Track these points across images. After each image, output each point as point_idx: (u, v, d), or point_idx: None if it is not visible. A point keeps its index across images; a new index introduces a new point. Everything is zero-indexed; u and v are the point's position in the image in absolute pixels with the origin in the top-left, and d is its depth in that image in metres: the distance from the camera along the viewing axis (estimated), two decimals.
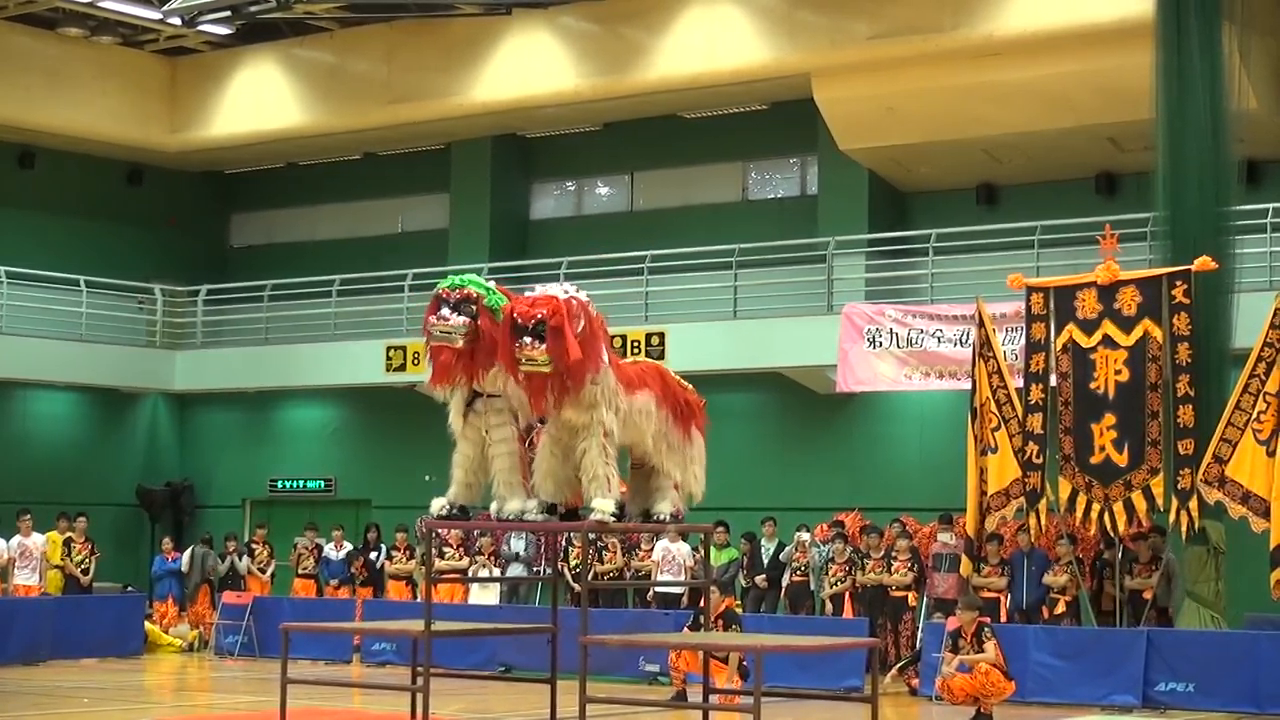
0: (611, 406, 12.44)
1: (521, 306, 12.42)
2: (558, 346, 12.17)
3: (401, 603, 23.32)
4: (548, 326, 12.20)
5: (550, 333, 12.16)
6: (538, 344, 12.17)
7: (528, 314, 12.31)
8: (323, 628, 15.68)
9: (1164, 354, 18.29)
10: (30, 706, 17.21)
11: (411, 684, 15.24)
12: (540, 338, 12.17)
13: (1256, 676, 17.10)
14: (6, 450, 29.42)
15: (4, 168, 30.74)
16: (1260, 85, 22.72)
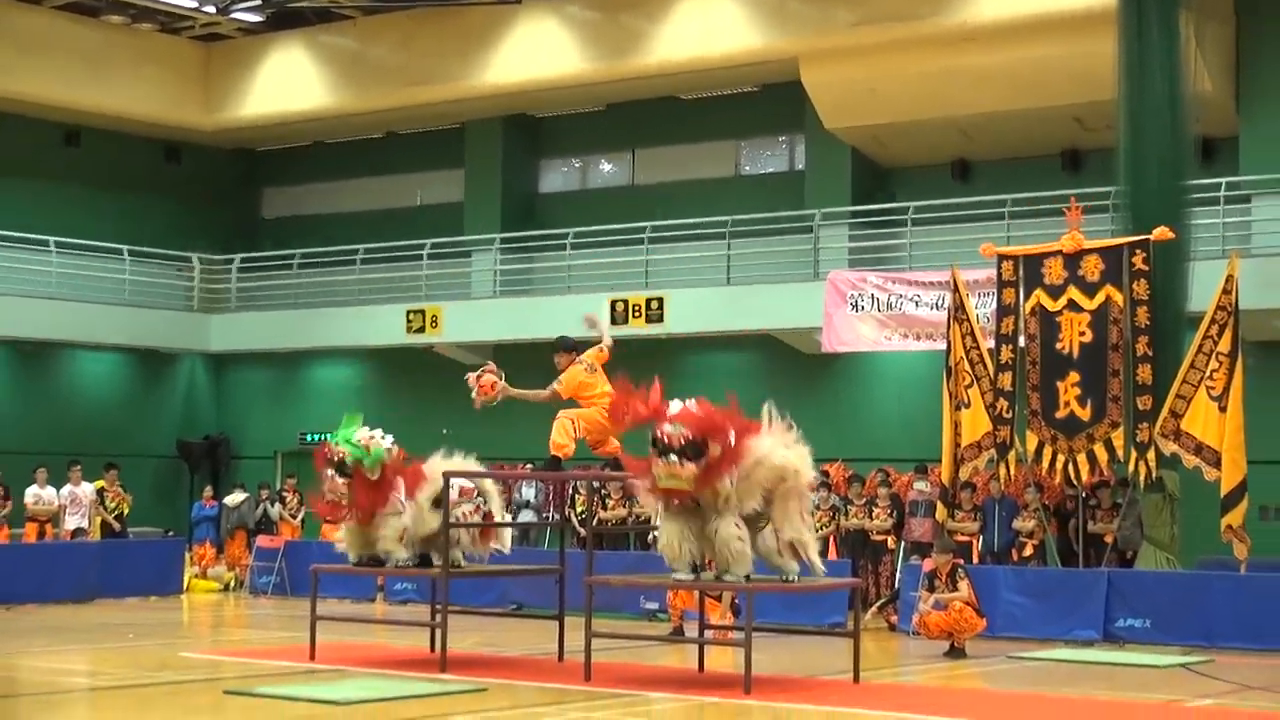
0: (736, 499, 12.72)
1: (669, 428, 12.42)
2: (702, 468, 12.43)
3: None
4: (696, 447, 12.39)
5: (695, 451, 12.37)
6: (686, 463, 12.36)
7: (674, 436, 12.40)
8: (349, 569, 15.64)
9: (1124, 317, 18.28)
10: (80, 641, 17.24)
11: (431, 620, 15.31)
12: (688, 457, 12.33)
13: (1208, 613, 17.12)
14: (57, 406, 29.52)
15: (52, 146, 30.76)
16: (1214, 69, 22.69)
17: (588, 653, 13.89)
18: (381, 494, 14.46)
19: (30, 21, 28.95)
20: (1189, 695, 13.59)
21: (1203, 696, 13.53)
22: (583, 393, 14.13)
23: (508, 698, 12.84)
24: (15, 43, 28.66)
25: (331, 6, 28.56)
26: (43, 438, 27.74)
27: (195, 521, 26.23)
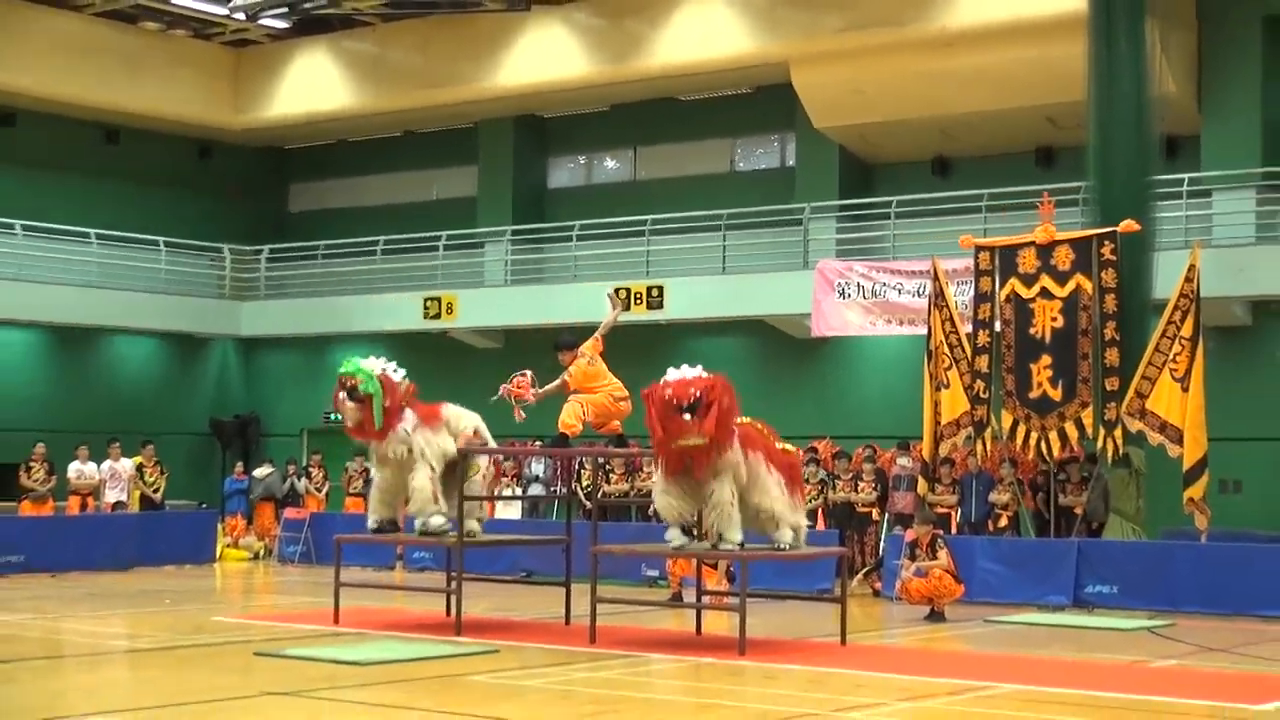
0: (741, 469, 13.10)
1: (677, 387, 12.81)
2: (711, 424, 12.66)
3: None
4: (701, 404, 12.64)
5: (704, 410, 12.63)
6: (691, 418, 12.64)
7: (684, 394, 12.72)
8: (370, 539, 15.67)
9: (1093, 304, 18.28)
10: (120, 606, 17.28)
11: (447, 587, 15.34)
12: (694, 413, 12.63)
13: (1171, 580, 17.15)
14: (98, 387, 29.55)
15: (93, 144, 30.74)
16: (1178, 71, 22.66)
17: (593, 617, 13.92)
18: (391, 419, 14.63)
19: (72, 27, 28.94)
20: (1153, 656, 13.62)
21: (1166, 658, 13.56)
22: (588, 382, 14.69)
23: (518, 659, 12.86)
24: (58, 48, 28.66)
25: (353, 13, 28.52)
26: (84, 417, 27.76)
27: (227, 495, 26.26)
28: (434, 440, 14.74)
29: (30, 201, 28.76)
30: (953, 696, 11.18)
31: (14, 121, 29.62)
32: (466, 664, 12.48)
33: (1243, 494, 21.16)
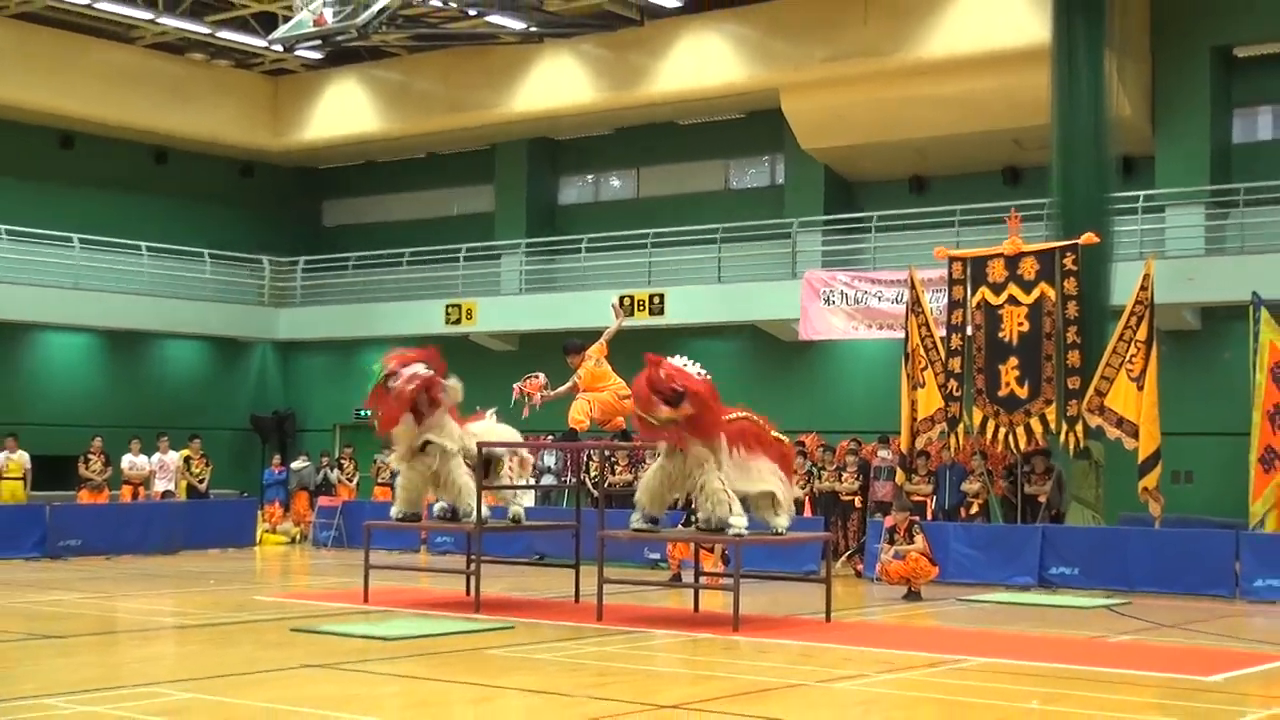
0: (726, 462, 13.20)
1: (662, 376, 13.01)
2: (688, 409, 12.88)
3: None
4: (683, 398, 12.88)
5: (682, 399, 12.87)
6: (667, 407, 12.88)
7: (667, 386, 12.93)
8: (397, 525, 15.67)
9: (1057, 310, 18.27)
10: (169, 585, 17.30)
11: (466, 569, 15.35)
12: (670, 403, 12.85)
13: (1128, 562, 17.15)
14: (148, 386, 29.58)
15: (144, 164, 30.81)
16: (1133, 98, 22.68)
17: (599, 596, 13.93)
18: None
19: (125, 58, 28.99)
20: (1111, 632, 13.62)
21: (1123, 633, 13.56)
22: (595, 383, 14.85)
23: (532, 634, 12.86)
24: (112, 76, 28.72)
25: (381, 45, 28.53)
26: (136, 413, 27.77)
27: (266, 485, 26.26)
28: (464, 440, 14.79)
29: (86, 217, 28.79)
30: (928, 668, 11.19)
31: (72, 144, 29.69)
32: (484, 639, 12.49)
33: (1193, 484, 21.16)
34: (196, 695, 9.57)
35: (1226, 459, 19.58)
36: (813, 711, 9.47)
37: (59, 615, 14.13)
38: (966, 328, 18.88)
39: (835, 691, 10.22)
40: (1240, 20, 22.84)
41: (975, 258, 19.04)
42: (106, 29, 28.20)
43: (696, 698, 9.73)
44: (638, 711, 9.21)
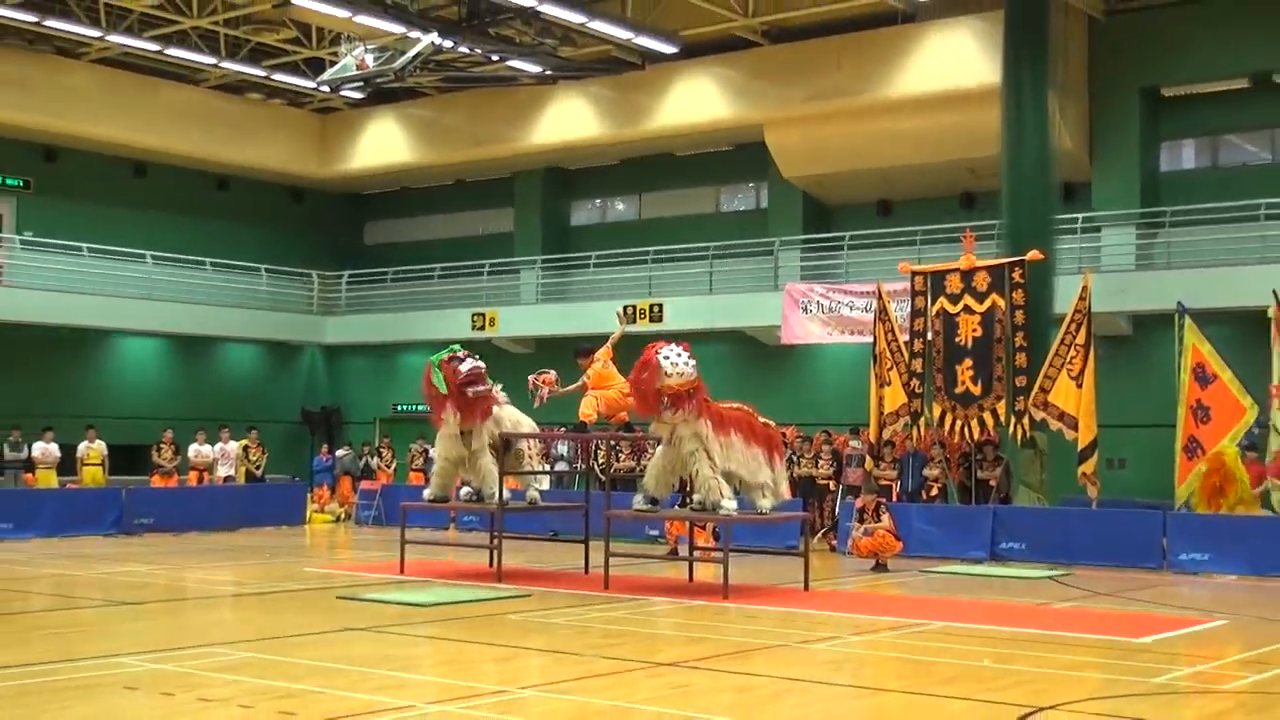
0: (707, 434, 13.08)
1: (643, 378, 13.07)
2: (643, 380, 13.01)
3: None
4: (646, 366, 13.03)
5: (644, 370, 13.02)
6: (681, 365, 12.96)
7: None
8: (430, 506, 15.64)
9: (1006, 317, 18.24)
10: (228, 559, 17.29)
11: (490, 544, 15.33)
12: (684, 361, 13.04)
13: (1069, 538, 17.13)
14: (211, 384, 29.63)
15: (207, 190, 30.85)
16: (1073, 131, 22.70)
17: (606, 567, 13.91)
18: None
19: (192, 97, 29.02)
20: (1054, 599, 13.60)
21: (1064, 600, 13.54)
22: (601, 382, 14.83)
23: (547, 601, 12.85)
24: (180, 113, 28.75)
25: (415, 86, 28.55)
26: (201, 408, 27.77)
27: (314, 470, 26.29)
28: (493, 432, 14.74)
29: (158, 236, 28.82)
30: (893, 631, 11.17)
31: (145, 173, 29.71)
32: (505, 605, 12.47)
33: (1126, 469, 21.17)
34: (253, 655, 9.56)
35: (1155, 448, 19.56)
36: (793, 668, 9.45)
37: (132, 584, 14.13)
38: (927, 333, 18.86)
39: (812, 651, 10.20)
40: (1166, 65, 22.87)
41: (934, 272, 19.02)
42: (176, 72, 28.23)
43: (691, 656, 9.71)
44: (640, 668, 9.19)
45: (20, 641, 10.26)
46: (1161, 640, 10.80)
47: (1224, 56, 22.34)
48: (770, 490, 13.51)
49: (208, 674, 8.70)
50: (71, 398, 26.84)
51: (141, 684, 8.40)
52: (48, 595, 13.36)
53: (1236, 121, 23.18)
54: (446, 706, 7.87)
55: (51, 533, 19.58)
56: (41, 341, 26.65)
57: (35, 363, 26.80)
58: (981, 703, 8.07)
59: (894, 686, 9.04)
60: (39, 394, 26.45)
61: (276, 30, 26.01)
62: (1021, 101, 20.64)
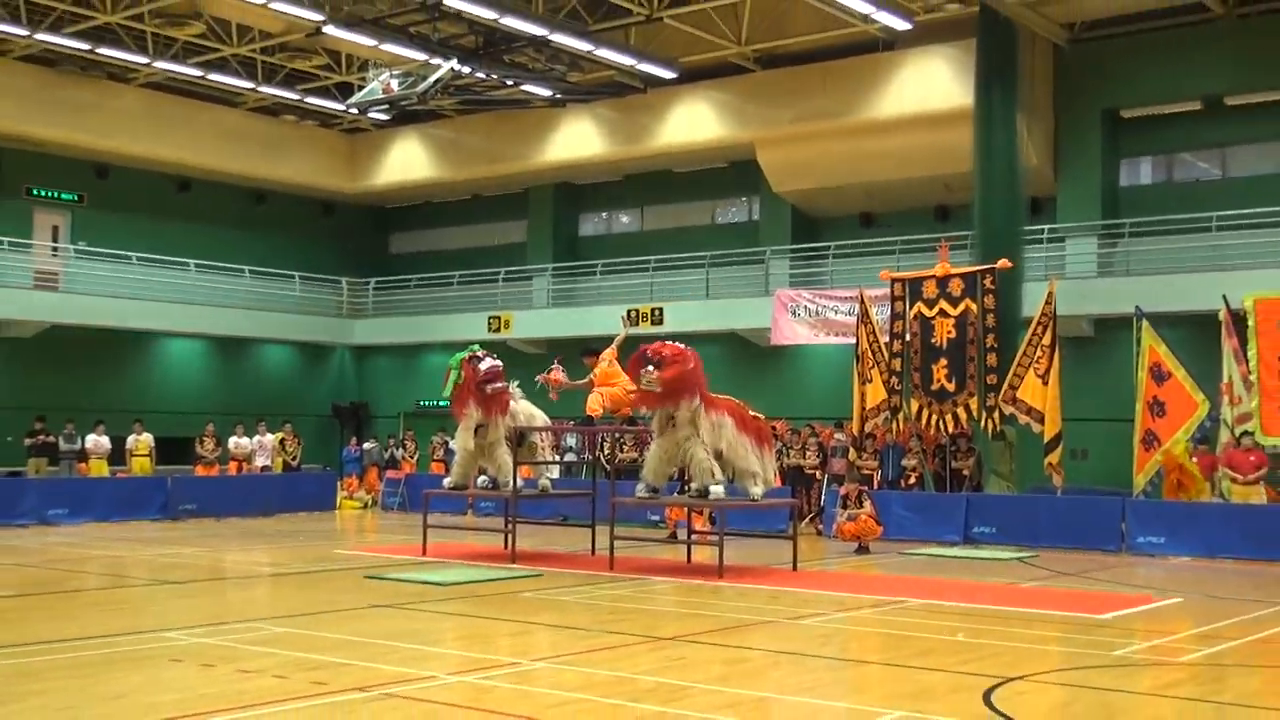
0: (703, 423, 13.06)
1: (652, 348, 13.05)
2: (665, 375, 12.79)
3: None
4: (665, 361, 12.83)
5: (665, 366, 12.80)
6: (653, 370, 12.78)
7: (655, 352, 12.96)
8: (449, 493, 15.64)
9: (978, 321, 18.23)
10: (265, 541, 17.30)
11: (504, 528, 15.34)
12: (657, 365, 12.80)
13: (1035, 523, 17.13)
14: (249, 382, 29.64)
15: (246, 204, 30.85)
16: (1039, 150, 22.68)
17: (611, 549, 13.92)
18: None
19: (231, 119, 29.03)
20: (1022, 579, 13.60)
21: (1031, 580, 13.54)
22: (607, 380, 14.82)
23: (557, 580, 12.85)
24: (221, 134, 28.76)
25: (436, 109, 28.55)
26: (240, 403, 27.80)
27: (344, 461, 26.26)
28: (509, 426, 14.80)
29: (201, 246, 28.81)
30: (875, 608, 11.16)
31: (189, 187, 29.72)
32: (519, 584, 12.48)
33: (1088, 460, 21.13)
34: (288, 629, 9.56)
35: (1114, 440, 19.55)
36: (782, 642, 9.44)
37: (177, 565, 14.14)
38: (905, 335, 18.86)
39: (800, 626, 10.19)
40: (1125, 88, 22.85)
41: (912, 279, 19.01)
42: (217, 95, 28.23)
43: (689, 631, 9.71)
44: (642, 642, 9.19)
45: (75, 616, 10.27)
46: (1120, 617, 10.79)
47: (1178, 81, 22.32)
48: (760, 478, 13.52)
49: (246, 647, 8.70)
50: (121, 394, 26.85)
51: (186, 656, 8.40)
52: (100, 575, 13.37)
53: (1190, 141, 23.14)
54: (465, 677, 7.87)
55: (103, 518, 19.59)
56: (94, 342, 26.66)
57: (88, 361, 26.82)
58: (955, 674, 8.07)
59: (875, 659, 9.03)
60: (91, 390, 26.47)
61: (309, 57, 26.01)
62: (992, 122, 20.63)
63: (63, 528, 18.58)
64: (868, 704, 7.28)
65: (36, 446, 22.73)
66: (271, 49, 25.48)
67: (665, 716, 6.84)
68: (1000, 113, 20.60)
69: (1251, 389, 17.39)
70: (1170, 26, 22.21)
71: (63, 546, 15.95)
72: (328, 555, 15.38)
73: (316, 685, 7.48)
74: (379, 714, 6.84)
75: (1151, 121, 23.14)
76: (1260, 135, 22.36)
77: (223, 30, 24.72)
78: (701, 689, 7.57)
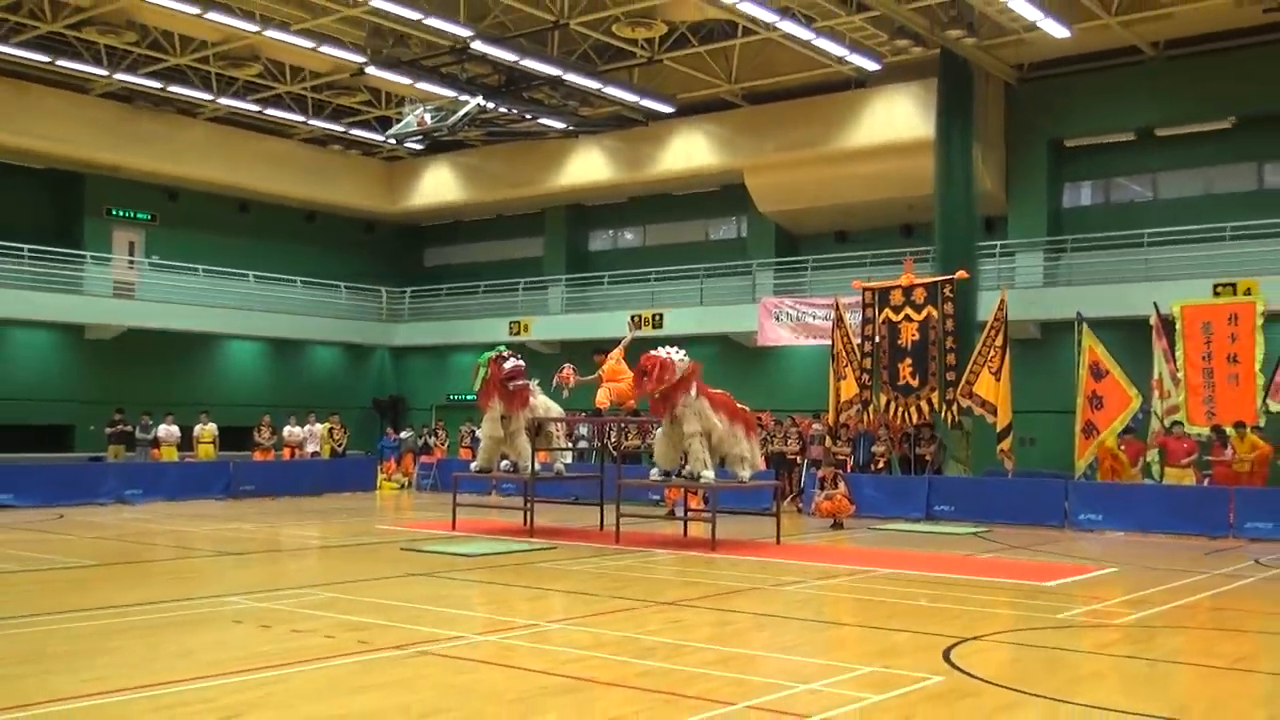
0: (702, 417, 13.14)
1: (646, 362, 13.18)
2: (649, 382, 13.08)
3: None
4: (648, 372, 13.07)
5: (647, 374, 13.08)
6: (645, 379, 13.08)
7: (643, 363, 13.14)
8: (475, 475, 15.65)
9: (939, 325, 18.24)
10: (314, 518, 17.31)
11: (524, 506, 15.35)
12: (645, 376, 13.10)
13: (989, 502, 17.11)
14: (301, 378, 29.63)
15: (298, 223, 30.83)
16: (992, 175, 22.66)
17: (617, 525, 13.93)
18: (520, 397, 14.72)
19: (285, 148, 29.01)
20: (977, 551, 13.58)
21: (986, 552, 13.52)
22: (614, 377, 14.98)
23: (570, 552, 12.85)
24: (276, 161, 28.75)
25: (464, 139, 28.53)
26: (293, 397, 27.81)
27: (383, 448, 26.25)
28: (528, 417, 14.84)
29: (258, 260, 28.82)
30: (848, 576, 11.15)
31: (248, 209, 29.71)
32: (536, 556, 12.48)
33: (1035, 446, 21.10)
34: (334, 595, 9.57)
35: (1058, 429, 19.55)
36: (767, 606, 9.44)
37: (238, 538, 14.15)
38: (875, 337, 18.85)
39: (784, 592, 10.19)
40: (1068, 121, 22.83)
41: (881, 288, 19.01)
42: (272, 127, 28.22)
43: (686, 596, 9.71)
44: (645, 606, 9.19)
45: (147, 583, 10.28)
46: (1063, 584, 10.78)
47: (1114, 115, 22.31)
48: (748, 462, 13.55)
49: (299, 610, 8.70)
50: (189, 389, 26.86)
51: (245, 618, 8.41)
52: (169, 547, 13.39)
53: (1125, 167, 23.12)
54: (489, 636, 7.87)
55: (172, 497, 19.61)
56: (165, 344, 26.67)
57: (160, 361, 26.82)
58: (919, 634, 8.07)
59: (848, 621, 9.03)
60: (163, 386, 26.47)
61: (353, 94, 26.01)
62: (950, 151, 20.60)
63: (138, 506, 18.60)
64: (842, 660, 7.28)
65: (115, 435, 22.76)
66: (320, 87, 25.49)
67: (666, 670, 6.84)
68: (958, 142, 20.58)
69: (1179, 385, 17.41)
70: (1107, 67, 22.19)
71: (137, 522, 15.97)
72: (369, 530, 15.39)
73: (361, 644, 7.48)
74: (416, 669, 6.84)
75: (1091, 150, 23.12)
76: (1186, 162, 22.35)
77: (277, 70, 24.74)
78: (697, 647, 7.57)
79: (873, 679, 6.68)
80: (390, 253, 32.93)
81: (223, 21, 20.86)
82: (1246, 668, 7.36)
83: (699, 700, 6.14)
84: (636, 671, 6.81)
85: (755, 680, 6.68)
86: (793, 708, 6.01)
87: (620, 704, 6.09)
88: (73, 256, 25.64)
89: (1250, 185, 21.88)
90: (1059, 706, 6.20)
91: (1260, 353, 16.96)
